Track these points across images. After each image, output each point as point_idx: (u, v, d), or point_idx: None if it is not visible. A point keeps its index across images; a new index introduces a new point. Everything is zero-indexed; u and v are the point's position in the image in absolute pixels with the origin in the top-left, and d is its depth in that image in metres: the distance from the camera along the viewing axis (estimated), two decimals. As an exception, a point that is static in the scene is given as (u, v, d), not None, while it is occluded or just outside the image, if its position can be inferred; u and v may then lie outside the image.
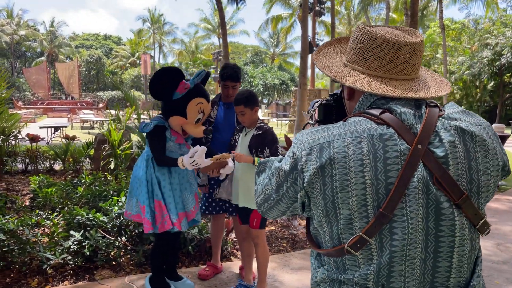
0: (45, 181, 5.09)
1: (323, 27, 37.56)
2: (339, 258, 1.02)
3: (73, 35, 65.26)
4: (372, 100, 1.06)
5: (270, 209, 1.16)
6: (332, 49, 1.21)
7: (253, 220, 2.95)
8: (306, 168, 1.01)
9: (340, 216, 0.98)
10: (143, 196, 2.71)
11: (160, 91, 2.68)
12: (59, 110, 33.37)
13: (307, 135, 1.05)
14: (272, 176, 1.13)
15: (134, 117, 6.84)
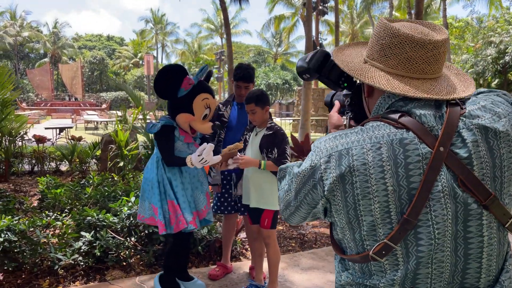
0: (52, 182, 5.10)
1: (326, 26, 37.52)
2: (364, 263, 1.01)
3: (76, 36, 65.51)
4: (390, 102, 1.03)
5: (291, 215, 1.15)
6: (351, 49, 1.19)
7: (264, 220, 2.94)
8: (325, 176, 1.00)
9: (362, 223, 0.97)
10: (155, 198, 2.70)
11: (165, 89, 2.67)
12: (63, 111, 33.48)
13: (325, 142, 1.04)
14: (291, 182, 1.12)
15: (140, 117, 6.84)
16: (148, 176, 2.78)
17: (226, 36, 13.40)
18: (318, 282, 3.34)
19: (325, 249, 4.11)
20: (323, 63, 1.21)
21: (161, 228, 2.67)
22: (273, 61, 50.90)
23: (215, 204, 3.39)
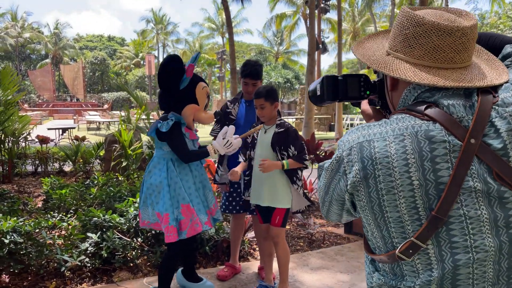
0: (57, 182, 5.06)
1: (328, 24, 37.40)
2: (395, 264, 0.95)
3: (77, 36, 65.55)
4: (416, 94, 0.97)
5: (328, 212, 1.11)
6: (372, 41, 1.14)
7: (275, 218, 2.89)
8: (348, 170, 0.96)
9: (388, 219, 0.92)
10: (165, 203, 2.55)
11: (167, 79, 2.57)
12: (65, 111, 33.51)
13: (348, 134, 0.99)
14: (323, 178, 1.08)
15: (143, 117, 6.80)
16: (154, 181, 2.61)
17: (228, 35, 13.36)
18: (329, 282, 3.29)
19: (333, 249, 4.06)
20: (335, 88, 1.15)
21: (173, 236, 2.52)
22: (274, 60, 50.82)
23: (223, 203, 3.34)
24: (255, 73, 3.18)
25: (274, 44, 51.72)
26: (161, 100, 2.73)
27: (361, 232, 4.42)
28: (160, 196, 2.58)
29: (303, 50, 50.02)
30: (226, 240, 3.64)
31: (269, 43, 51.87)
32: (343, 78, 1.14)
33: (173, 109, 2.66)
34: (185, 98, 2.64)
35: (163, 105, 2.72)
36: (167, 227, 2.53)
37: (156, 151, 2.71)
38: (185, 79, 2.60)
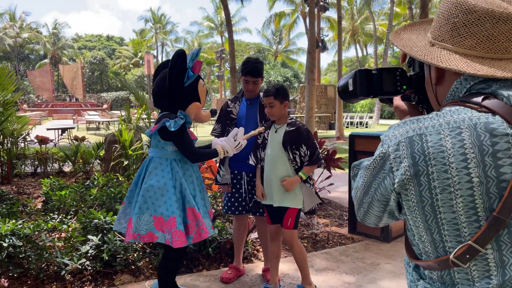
0: (56, 183, 5.00)
1: (326, 23, 37.34)
2: (445, 271, 0.87)
3: (76, 36, 65.41)
4: (469, 86, 0.89)
5: (366, 215, 1.03)
6: (408, 32, 1.06)
7: (287, 220, 2.85)
8: (395, 167, 0.87)
9: (442, 221, 0.84)
10: (171, 206, 2.42)
11: (177, 76, 2.47)
12: (64, 112, 33.44)
13: (394, 129, 0.91)
14: (361, 177, 1.00)
15: (144, 116, 6.73)
16: (156, 183, 2.45)
17: (227, 33, 13.27)
18: (334, 283, 3.23)
19: (338, 249, 4.00)
20: (369, 83, 1.07)
21: (181, 241, 2.39)
22: (273, 58, 50.74)
23: (225, 204, 3.28)
24: (256, 70, 3.10)
25: (273, 42, 51.65)
26: (161, 98, 2.59)
27: (365, 232, 4.36)
28: (164, 199, 2.44)
29: (302, 49, 49.97)
30: (229, 241, 3.58)
31: (268, 42, 51.81)
32: (377, 72, 1.06)
33: (175, 108, 2.55)
34: (189, 96, 2.56)
35: (163, 103, 2.60)
36: (175, 231, 2.40)
37: (156, 151, 2.56)
38: (191, 76, 2.51)
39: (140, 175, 2.58)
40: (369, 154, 4.30)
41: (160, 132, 2.47)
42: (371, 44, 43.61)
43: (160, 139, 2.52)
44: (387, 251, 3.94)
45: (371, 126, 24.98)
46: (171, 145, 2.53)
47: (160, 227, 2.44)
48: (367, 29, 41.91)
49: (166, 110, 2.58)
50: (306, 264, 2.98)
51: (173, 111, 2.55)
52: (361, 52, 51.04)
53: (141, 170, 2.59)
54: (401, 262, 3.65)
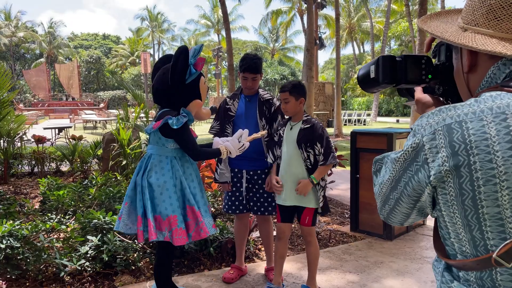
0: (54, 183, 4.93)
1: (323, 20, 37.28)
2: (485, 272, 0.80)
3: (72, 35, 65.10)
4: (508, 71, 0.83)
5: (392, 212, 0.96)
6: (436, 20, 1.00)
7: (305, 218, 2.84)
8: (431, 158, 0.81)
9: (484, 216, 0.77)
10: (172, 204, 2.40)
11: (180, 73, 2.41)
12: (61, 111, 33.29)
13: (427, 117, 0.84)
14: (388, 171, 0.93)
15: (142, 115, 6.66)
16: (156, 181, 2.42)
17: (225, 31, 13.19)
18: (338, 283, 3.18)
19: (341, 247, 3.95)
20: (393, 70, 1.01)
21: (182, 239, 2.38)
22: (270, 56, 50.63)
23: (225, 203, 3.22)
24: (254, 67, 3.04)
25: (270, 40, 51.52)
26: (162, 95, 2.53)
27: (368, 230, 4.31)
28: (163, 197, 2.41)
29: (299, 47, 49.89)
30: (231, 240, 3.53)
31: (265, 39, 51.68)
32: (402, 58, 1.00)
33: (177, 105, 2.50)
34: (191, 93, 2.51)
35: (164, 100, 2.54)
36: (176, 229, 2.38)
37: (156, 149, 2.51)
38: (193, 73, 2.45)
39: (138, 172, 2.53)
40: (371, 151, 4.27)
41: (162, 129, 2.41)
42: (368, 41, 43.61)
43: (160, 136, 2.47)
44: (390, 249, 3.89)
45: (368, 124, 24.97)
46: (172, 143, 2.48)
47: (158, 226, 2.40)
48: (364, 26, 41.89)
49: (167, 107, 2.52)
50: (316, 265, 2.95)
51: (174, 108, 2.49)
52: (358, 50, 51.09)
53: (140, 168, 2.54)
54: (404, 261, 3.61)
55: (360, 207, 4.40)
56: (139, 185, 2.46)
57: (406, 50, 35.49)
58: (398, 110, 36.14)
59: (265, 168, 3.14)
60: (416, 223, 4.58)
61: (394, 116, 34.40)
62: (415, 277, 3.28)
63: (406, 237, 4.26)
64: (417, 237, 4.28)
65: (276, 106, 3.15)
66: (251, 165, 3.12)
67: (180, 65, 2.40)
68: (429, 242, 4.08)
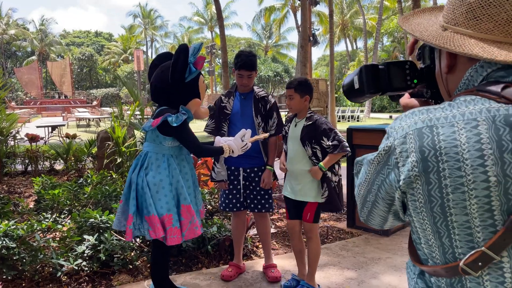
0: (48, 182, 4.88)
1: (316, 17, 37.28)
2: (455, 279, 0.79)
3: (64, 33, 64.59)
4: (485, 74, 0.81)
5: (370, 215, 0.95)
6: (418, 17, 0.97)
7: (306, 214, 2.86)
8: (401, 162, 0.79)
9: (452, 224, 0.76)
10: (168, 203, 2.38)
11: (181, 71, 2.40)
12: (53, 109, 33.04)
13: (400, 120, 0.83)
14: (364, 173, 0.93)
15: (137, 113, 6.61)
16: (152, 179, 2.39)
17: (219, 27, 13.15)
18: (336, 279, 3.18)
19: (338, 244, 3.96)
20: (375, 78, 0.99)
21: (177, 238, 2.38)
22: (263, 53, 50.55)
23: (222, 201, 3.21)
24: (250, 64, 3.02)
25: (263, 37, 51.45)
26: (161, 93, 2.51)
27: (364, 226, 4.32)
28: (159, 196, 2.38)
29: (292, 44, 49.87)
30: (228, 238, 3.51)
31: (258, 36, 51.60)
32: (385, 66, 0.98)
33: (176, 103, 2.47)
34: (190, 92, 2.50)
35: (163, 98, 2.52)
36: (171, 228, 2.37)
37: (153, 146, 2.48)
38: (193, 72, 2.44)
39: (134, 169, 2.50)
40: (367, 148, 4.27)
41: (161, 127, 2.39)
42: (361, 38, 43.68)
43: (158, 134, 2.44)
44: (387, 245, 3.91)
45: (362, 120, 25.05)
46: (170, 141, 2.46)
47: (152, 225, 2.38)
48: (357, 23, 41.96)
49: (165, 105, 2.50)
50: (317, 262, 2.96)
51: (173, 106, 2.47)
52: (351, 46, 51.15)
53: (135, 165, 2.52)
54: (401, 256, 3.62)
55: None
56: (134, 183, 2.44)
57: (399, 46, 35.62)
58: (391, 106, 36.28)
59: (262, 165, 3.13)
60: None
61: (387, 112, 34.54)
62: (413, 272, 3.29)
63: (402, 233, 4.28)
64: (413, 233, 4.30)
65: (272, 103, 3.14)
66: (248, 163, 3.11)
67: (180, 63, 2.39)
68: (425, 238, 4.11)
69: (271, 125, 3.13)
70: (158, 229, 2.34)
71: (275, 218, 4.76)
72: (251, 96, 3.14)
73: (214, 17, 44.96)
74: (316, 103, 22.38)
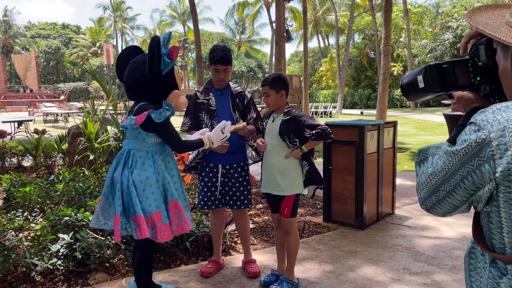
0: (17, 179, 4.72)
1: (290, 13, 37.43)
2: None
3: (29, 24, 62.21)
4: None
5: (438, 204, 0.96)
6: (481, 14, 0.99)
7: (284, 209, 2.89)
8: (499, 155, 0.81)
9: None
10: (156, 200, 2.35)
11: (157, 65, 2.35)
12: (18, 103, 31.84)
13: (493, 113, 0.84)
14: (442, 162, 0.94)
15: (110, 108, 6.47)
16: (138, 177, 2.35)
17: (193, 22, 12.99)
18: (315, 274, 3.23)
19: (315, 238, 4.01)
20: (442, 77, 1.02)
21: (167, 234, 2.36)
22: (237, 48, 50.36)
23: (200, 199, 3.17)
24: (226, 58, 3.00)
25: (236, 32, 51.20)
26: (138, 88, 2.44)
27: (340, 220, 4.40)
28: (146, 194, 2.35)
29: (265, 39, 49.89)
30: (207, 234, 3.50)
31: (231, 31, 51.32)
32: (449, 65, 1.02)
33: (155, 98, 2.43)
34: (169, 84, 2.45)
35: (140, 94, 2.45)
36: (161, 225, 2.34)
37: (135, 144, 2.43)
38: (168, 63, 2.38)
39: (116, 168, 2.45)
40: (344, 143, 4.34)
41: (144, 124, 2.34)
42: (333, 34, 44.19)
43: (140, 131, 2.40)
44: (363, 239, 3.99)
45: (334, 116, 25.40)
46: (153, 137, 2.43)
47: (138, 225, 2.34)
48: (329, 19, 42.40)
49: (144, 100, 2.46)
50: (295, 256, 2.99)
51: (153, 101, 2.43)
52: (323, 43, 51.66)
53: (117, 164, 2.46)
54: (376, 249, 3.71)
55: (333, 198, 4.47)
56: (118, 182, 2.38)
57: (370, 43, 36.21)
58: (361, 103, 36.96)
59: (241, 161, 3.13)
60: (385, 212, 4.71)
61: (358, 108, 35.16)
62: (388, 265, 3.38)
63: (377, 226, 4.38)
64: (387, 226, 4.41)
65: (249, 98, 3.15)
66: (227, 159, 3.09)
67: (156, 57, 2.34)
68: (398, 231, 4.22)
69: (249, 119, 3.14)
70: (143, 229, 2.30)
71: (253, 214, 4.77)
72: (227, 91, 3.12)
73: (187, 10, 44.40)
74: (290, 99, 22.47)
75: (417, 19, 36.17)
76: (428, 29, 34.83)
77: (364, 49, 36.82)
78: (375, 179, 4.50)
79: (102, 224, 2.47)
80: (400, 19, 35.63)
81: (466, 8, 29.47)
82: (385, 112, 10.27)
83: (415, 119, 22.18)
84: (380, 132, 4.50)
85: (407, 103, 33.47)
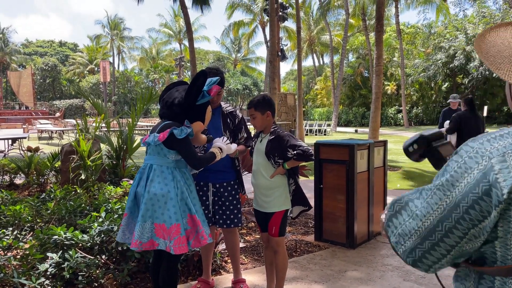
0: (9, 197, 4.70)
1: (285, 32, 37.98)
2: None
3: (26, 42, 62.63)
4: None
5: (430, 250, 0.92)
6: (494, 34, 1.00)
7: (271, 228, 2.92)
8: (502, 177, 0.82)
9: None
10: (175, 213, 2.46)
11: (195, 93, 2.56)
12: (13, 120, 31.81)
13: (488, 142, 0.88)
14: (433, 200, 0.91)
15: (102, 125, 6.49)
16: (160, 190, 2.47)
17: (188, 41, 13.15)
18: (304, 292, 3.22)
19: (306, 257, 4.01)
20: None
21: (184, 247, 2.45)
22: (232, 67, 50.87)
23: None
24: (220, 81, 3.07)
25: (232, 51, 51.82)
26: (171, 108, 2.62)
27: (331, 240, 4.41)
28: (167, 206, 2.47)
29: (260, 58, 50.47)
30: (197, 253, 3.50)
31: (227, 50, 51.92)
32: None
33: (181, 120, 2.62)
34: (198, 114, 2.65)
35: (169, 113, 2.63)
36: (179, 238, 2.44)
37: (157, 159, 2.56)
38: (206, 96, 2.60)
39: (139, 183, 2.58)
40: (334, 162, 4.38)
41: (166, 140, 2.49)
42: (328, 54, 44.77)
43: (163, 147, 2.54)
44: (353, 258, 4.00)
45: (329, 134, 25.52)
46: (173, 154, 2.56)
47: (161, 234, 2.46)
48: (324, 39, 43.02)
49: (170, 120, 2.63)
50: (284, 275, 2.99)
51: (179, 121, 2.62)
52: (318, 62, 52.34)
53: (139, 178, 2.59)
54: (367, 268, 3.71)
55: (324, 216, 4.49)
56: (142, 196, 2.51)
57: (364, 62, 36.68)
58: (356, 121, 37.22)
59: (231, 180, 3.16)
60: (376, 231, 4.72)
61: (352, 126, 35.36)
62: (378, 284, 3.38)
63: (368, 245, 4.39)
64: (377, 245, 4.42)
65: (240, 118, 3.20)
66: (217, 178, 3.12)
67: (199, 84, 2.54)
68: (389, 250, 4.23)
69: (240, 139, 3.18)
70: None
71: (244, 232, 4.77)
72: (219, 111, 3.18)
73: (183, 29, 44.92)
74: (284, 116, 22.63)
75: (410, 39, 36.80)
76: (421, 49, 35.40)
77: (358, 68, 37.28)
78: (366, 198, 4.53)
79: (127, 238, 2.60)
80: (393, 39, 36.25)
81: (458, 29, 30.04)
82: (378, 130, 10.36)
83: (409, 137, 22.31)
84: (370, 151, 4.54)
85: (401, 121, 33.73)
